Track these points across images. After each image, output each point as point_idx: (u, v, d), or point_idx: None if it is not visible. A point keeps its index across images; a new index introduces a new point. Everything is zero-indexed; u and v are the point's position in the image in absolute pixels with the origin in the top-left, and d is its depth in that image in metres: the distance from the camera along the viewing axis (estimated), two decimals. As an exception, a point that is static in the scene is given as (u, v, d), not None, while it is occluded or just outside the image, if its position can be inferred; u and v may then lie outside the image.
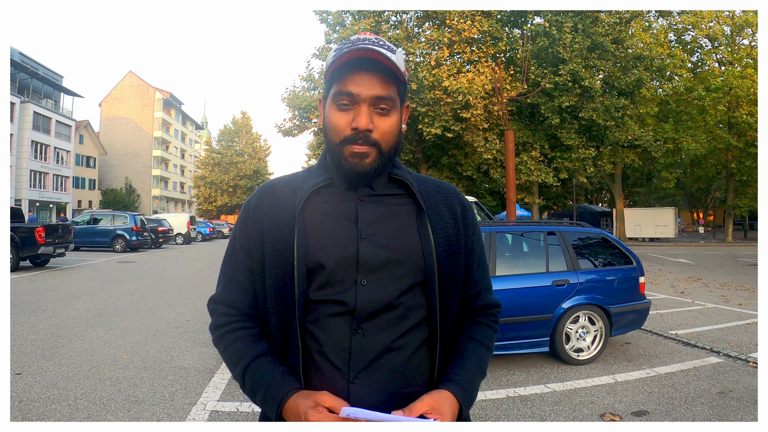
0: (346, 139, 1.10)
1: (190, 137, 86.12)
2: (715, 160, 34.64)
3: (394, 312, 1.10)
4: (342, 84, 1.10)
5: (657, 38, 30.40)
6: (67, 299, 9.07)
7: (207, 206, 62.24)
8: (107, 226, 22.94)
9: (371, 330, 1.08)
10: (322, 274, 1.09)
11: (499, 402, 4.26)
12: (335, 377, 1.07)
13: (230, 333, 1.14)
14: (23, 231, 13.33)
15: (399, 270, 1.11)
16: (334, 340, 1.08)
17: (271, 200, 1.17)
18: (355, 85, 1.09)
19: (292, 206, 1.14)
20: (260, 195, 1.19)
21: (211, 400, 4.22)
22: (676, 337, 6.48)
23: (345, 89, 1.09)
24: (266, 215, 1.15)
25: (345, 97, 1.09)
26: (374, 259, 1.10)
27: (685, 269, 15.97)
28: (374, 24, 23.72)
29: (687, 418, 3.87)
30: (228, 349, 1.14)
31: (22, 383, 4.50)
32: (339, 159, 1.12)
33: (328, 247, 1.10)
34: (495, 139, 23.26)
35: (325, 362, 1.08)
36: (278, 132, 27.78)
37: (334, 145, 1.12)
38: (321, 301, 1.09)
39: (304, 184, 1.16)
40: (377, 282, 1.09)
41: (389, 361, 1.09)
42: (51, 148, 47.99)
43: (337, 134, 1.11)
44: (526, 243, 5.99)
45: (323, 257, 1.09)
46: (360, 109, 1.09)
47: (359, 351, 1.08)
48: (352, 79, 1.09)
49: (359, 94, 1.08)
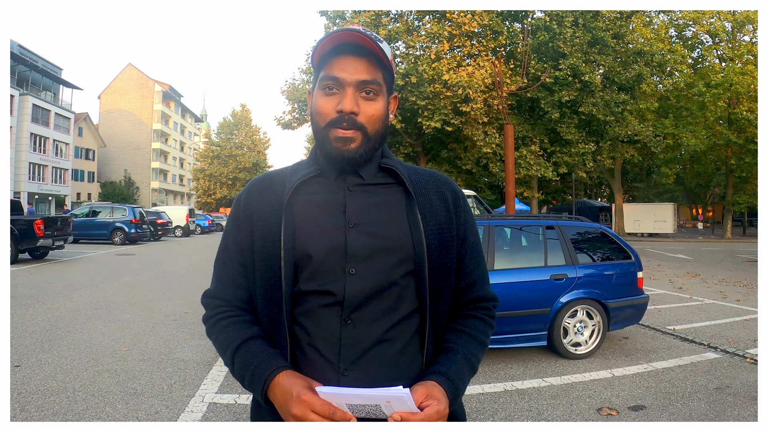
0: (331, 122, 1.10)
1: (190, 130, 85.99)
2: (715, 156, 34.62)
3: (384, 302, 1.08)
4: (328, 69, 1.10)
5: (658, 34, 30.33)
6: (66, 292, 9.08)
7: (206, 199, 62.23)
8: (106, 219, 22.91)
9: (361, 321, 1.06)
10: (310, 264, 1.08)
11: (497, 396, 4.27)
12: (325, 369, 1.05)
13: (221, 320, 1.14)
14: (22, 224, 13.30)
15: (388, 259, 1.09)
16: (324, 331, 1.07)
17: (261, 193, 1.17)
18: (341, 70, 1.09)
19: (280, 198, 1.13)
20: (250, 189, 1.19)
21: (209, 392, 4.23)
22: (674, 333, 6.50)
23: (331, 73, 1.10)
24: (256, 208, 1.15)
25: (331, 81, 1.10)
26: (363, 248, 1.08)
27: (684, 265, 15.99)
28: (374, 17, 23.64)
29: (684, 413, 3.88)
30: (219, 336, 1.13)
31: (20, 375, 4.50)
32: (324, 144, 1.12)
33: (316, 237, 1.09)
34: (494, 133, 23.23)
35: (315, 354, 1.07)
36: (278, 125, 27.78)
37: (320, 130, 1.12)
38: (310, 292, 1.08)
39: (293, 176, 1.16)
40: (366, 271, 1.07)
41: (380, 352, 1.07)
42: (50, 141, 47.89)
43: (322, 118, 1.11)
44: (524, 237, 5.99)
45: (311, 248, 1.08)
46: (345, 92, 1.09)
47: (349, 342, 1.06)
48: (338, 64, 1.10)
49: (345, 78, 1.09)
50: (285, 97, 26.75)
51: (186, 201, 79.52)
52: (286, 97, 26.68)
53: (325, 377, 1.04)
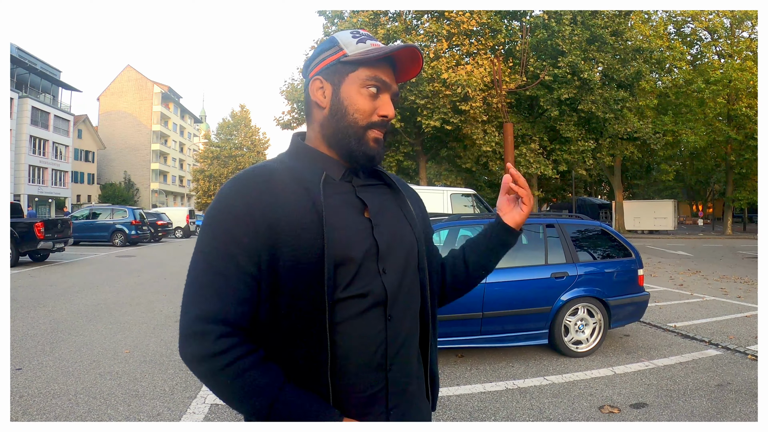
0: (372, 123, 1.13)
1: (189, 131, 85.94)
2: (715, 153, 34.64)
3: (408, 296, 1.15)
4: (374, 70, 1.13)
5: (656, 30, 30.32)
6: (67, 294, 9.08)
7: (206, 200, 62.12)
8: (106, 221, 22.91)
9: (397, 317, 1.11)
10: (351, 267, 1.05)
11: (498, 394, 4.27)
12: (372, 370, 1.07)
13: (236, 362, 0.97)
14: (22, 226, 13.29)
15: (403, 255, 1.15)
16: (369, 332, 1.07)
17: (276, 195, 1.04)
18: (386, 76, 1.14)
19: (302, 199, 1.05)
20: (254, 189, 1.04)
21: (211, 393, 4.23)
22: (675, 330, 6.50)
23: (379, 76, 1.13)
24: (280, 211, 1.03)
25: (377, 82, 1.13)
26: (388, 247, 1.12)
27: (684, 262, 16.00)
28: (372, 17, 23.63)
29: (686, 411, 3.88)
30: (236, 382, 0.97)
31: (22, 378, 4.51)
32: (360, 142, 1.13)
33: (353, 238, 1.07)
34: (494, 132, 23.21)
35: (360, 357, 1.06)
36: (277, 125, 27.78)
37: (358, 128, 1.13)
38: (350, 297, 1.05)
39: (306, 175, 1.10)
40: (393, 269, 1.12)
41: (411, 343, 1.16)
42: (49, 143, 47.90)
43: (363, 117, 1.13)
44: (524, 235, 5.99)
45: (352, 251, 1.05)
46: (385, 98, 1.15)
47: (393, 339, 1.10)
48: (383, 70, 1.14)
49: (391, 84, 1.15)
50: (284, 98, 26.78)
51: (186, 202, 79.51)
52: (285, 98, 26.70)
53: (370, 378, 1.07)
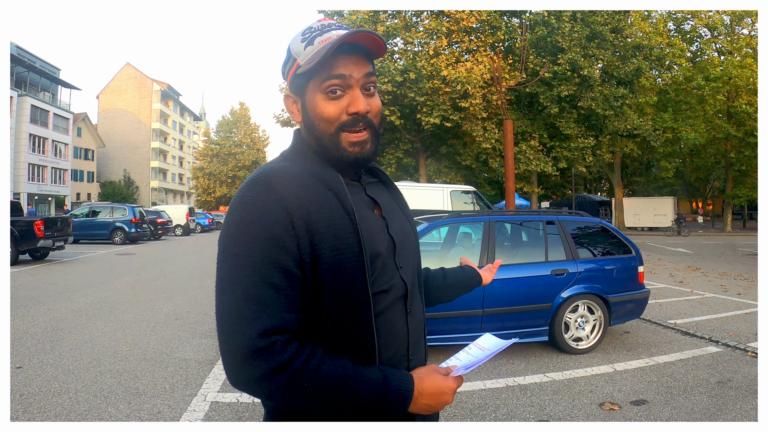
0: (342, 125, 1.05)
1: (189, 128, 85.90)
2: (714, 150, 34.61)
3: (418, 290, 1.20)
4: (328, 71, 1.03)
5: (656, 27, 30.29)
6: (67, 292, 9.08)
7: (206, 197, 62.23)
8: (106, 219, 22.90)
9: (413, 310, 1.15)
10: (378, 263, 1.07)
11: (499, 391, 4.28)
12: (401, 361, 1.11)
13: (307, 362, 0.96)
14: (22, 225, 13.28)
15: (411, 249, 1.20)
16: (396, 325, 1.10)
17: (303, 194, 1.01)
18: (344, 67, 1.03)
19: (332, 197, 1.03)
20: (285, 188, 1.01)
21: (211, 391, 4.23)
22: (675, 327, 6.50)
23: (335, 74, 1.03)
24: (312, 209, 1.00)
25: (334, 84, 1.04)
26: (401, 243, 1.15)
27: (684, 259, 16.00)
28: (372, 14, 23.60)
29: (686, 408, 3.88)
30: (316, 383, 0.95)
31: (22, 377, 4.51)
32: (336, 149, 1.07)
33: (377, 234, 1.09)
34: (494, 129, 23.22)
35: (391, 350, 1.09)
36: (276, 122, 27.87)
37: (329, 136, 1.06)
38: (379, 291, 1.06)
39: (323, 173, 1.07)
40: (406, 264, 1.15)
41: (422, 333, 1.20)
42: (49, 141, 47.86)
43: (330, 124, 1.05)
44: (525, 232, 5.99)
45: (379, 246, 1.08)
46: (353, 93, 1.05)
47: (413, 331, 1.14)
48: (338, 63, 1.03)
49: (351, 74, 1.04)
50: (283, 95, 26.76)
51: (186, 200, 79.50)
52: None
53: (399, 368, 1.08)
